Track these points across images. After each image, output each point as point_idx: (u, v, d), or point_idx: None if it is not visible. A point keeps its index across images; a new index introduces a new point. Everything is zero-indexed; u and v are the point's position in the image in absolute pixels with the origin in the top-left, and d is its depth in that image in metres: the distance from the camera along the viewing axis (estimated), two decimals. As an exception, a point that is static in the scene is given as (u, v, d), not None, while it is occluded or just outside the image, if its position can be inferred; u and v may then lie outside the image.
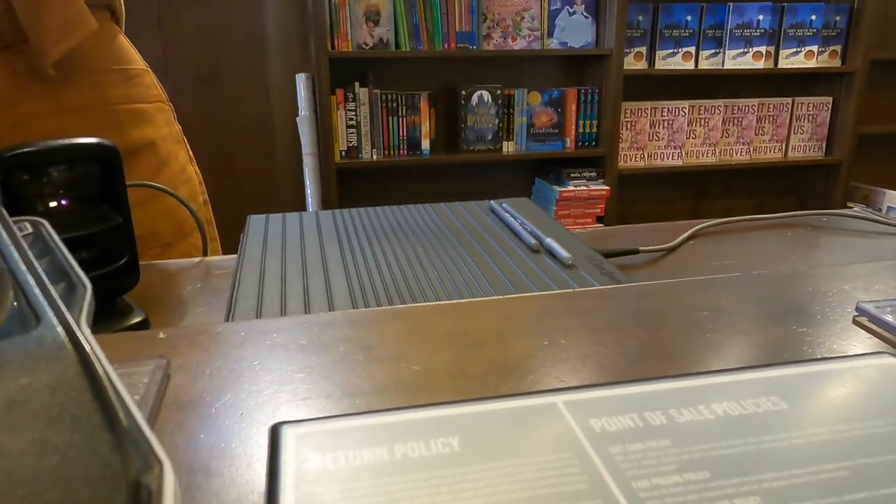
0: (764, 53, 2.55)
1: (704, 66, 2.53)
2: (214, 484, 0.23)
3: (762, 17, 2.53)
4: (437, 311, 0.37)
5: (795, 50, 2.58)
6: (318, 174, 2.37)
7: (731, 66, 2.54)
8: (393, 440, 0.25)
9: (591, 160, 2.53)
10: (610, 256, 0.55)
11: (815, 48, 2.59)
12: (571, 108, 2.47)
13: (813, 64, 2.60)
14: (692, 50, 2.51)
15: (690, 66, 2.52)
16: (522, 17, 2.40)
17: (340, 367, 0.31)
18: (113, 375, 0.12)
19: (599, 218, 2.51)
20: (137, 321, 0.43)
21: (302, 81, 2.32)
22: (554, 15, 2.42)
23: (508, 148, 2.48)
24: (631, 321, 0.36)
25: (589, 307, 0.37)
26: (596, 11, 2.44)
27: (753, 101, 2.65)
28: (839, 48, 2.61)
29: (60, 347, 0.12)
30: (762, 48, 2.54)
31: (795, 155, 2.73)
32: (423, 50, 2.32)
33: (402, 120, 2.37)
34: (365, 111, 2.32)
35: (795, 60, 2.59)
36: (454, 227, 0.59)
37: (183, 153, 0.79)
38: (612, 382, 0.29)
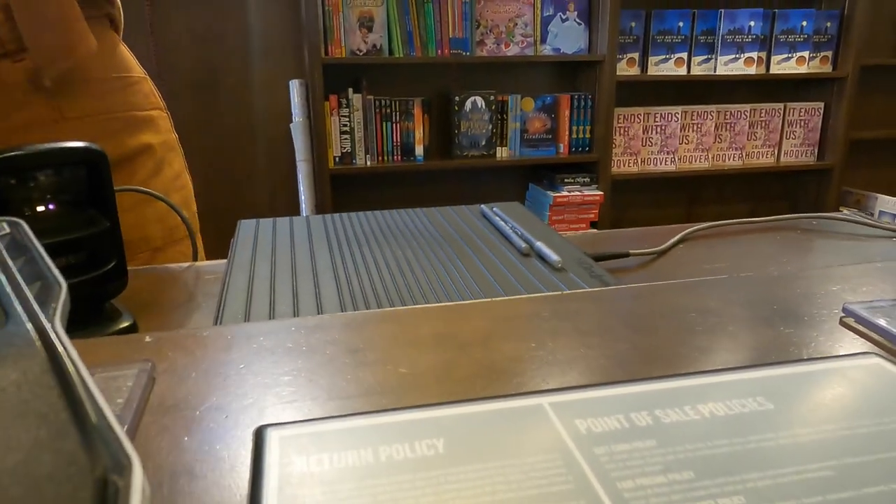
0: (755, 59, 2.56)
1: (697, 71, 2.55)
2: (198, 486, 0.23)
3: (753, 23, 2.54)
4: (425, 313, 0.37)
5: (787, 56, 2.60)
6: (311, 180, 2.36)
7: (723, 71, 2.55)
8: (377, 442, 0.25)
9: (584, 166, 2.54)
10: (600, 260, 0.55)
11: (806, 54, 2.60)
12: (565, 113, 2.48)
13: (804, 70, 2.62)
14: (684, 56, 2.53)
15: (683, 71, 2.54)
16: (515, 23, 2.41)
17: (327, 370, 0.31)
18: (84, 373, 0.12)
19: (593, 223, 2.52)
20: (125, 326, 0.43)
21: (295, 88, 2.32)
22: (547, 21, 2.43)
23: (502, 154, 2.49)
24: (619, 323, 0.36)
25: (577, 309, 0.37)
26: (588, 18, 2.45)
27: (746, 106, 2.66)
28: (830, 54, 2.63)
29: (29, 344, 0.12)
30: (754, 54, 2.56)
31: (788, 160, 2.74)
32: (416, 56, 2.32)
33: (395, 126, 2.37)
34: (359, 117, 2.32)
35: (787, 66, 2.61)
36: (445, 231, 0.59)
37: (179, 161, 0.79)
38: (598, 384, 0.29)
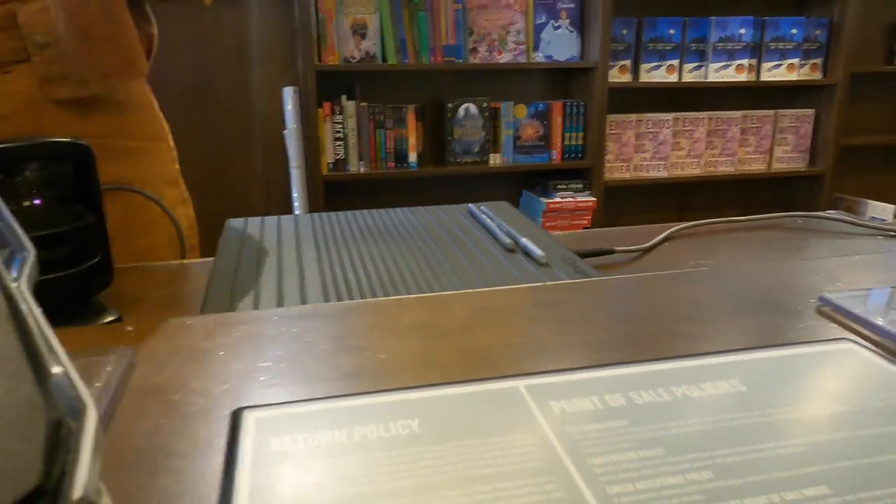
0: (746, 66, 2.58)
1: (688, 78, 2.56)
2: (176, 465, 0.23)
3: (744, 30, 2.56)
4: (407, 304, 0.37)
5: (777, 63, 2.62)
6: (305, 187, 2.37)
7: (714, 78, 2.57)
8: (352, 423, 0.25)
9: (577, 172, 2.55)
10: (585, 256, 0.56)
11: (796, 61, 2.62)
12: (557, 120, 2.49)
13: (794, 77, 2.64)
14: (676, 63, 2.54)
15: (674, 79, 2.55)
16: (508, 31, 2.43)
17: (307, 356, 0.31)
18: (45, 327, 0.12)
19: (586, 229, 2.52)
20: (110, 320, 0.43)
21: (289, 95, 2.33)
22: (539, 29, 2.45)
23: (495, 160, 2.49)
24: (599, 312, 0.36)
25: (558, 300, 0.38)
26: (581, 25, 2.47)
27: (737, 113, 2.68)
28: (820, 61, 2.65)
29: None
30: (744, 61, 2.58)
31: (779, 166, 2.76)
32: (409, 63, 2.33)
33: (389, 133, 2.38)
34: (352, 124, 2.33)
35: (777, 73, 2.63)
36: (432, 228, 0.59)
37: (174, 194, 0.77)
38: (574, 368, 0.29)
